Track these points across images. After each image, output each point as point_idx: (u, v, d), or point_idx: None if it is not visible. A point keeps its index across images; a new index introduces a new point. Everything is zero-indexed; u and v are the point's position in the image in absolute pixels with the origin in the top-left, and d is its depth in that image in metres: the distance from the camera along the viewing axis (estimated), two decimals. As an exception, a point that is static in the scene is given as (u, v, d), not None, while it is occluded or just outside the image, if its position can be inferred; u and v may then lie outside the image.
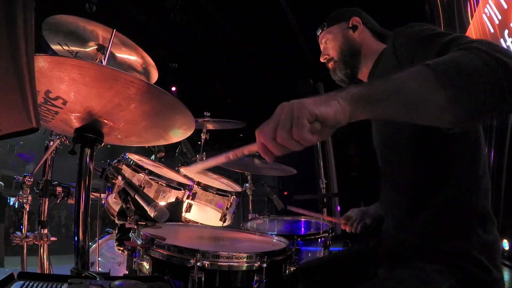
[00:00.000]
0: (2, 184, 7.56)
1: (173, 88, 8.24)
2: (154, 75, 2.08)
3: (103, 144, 1.18)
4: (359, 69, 1.33)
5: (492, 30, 2.61)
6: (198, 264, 0.91)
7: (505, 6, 2.37)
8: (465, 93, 0.69)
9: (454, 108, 0.69)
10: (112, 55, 1.93)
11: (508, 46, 2.30)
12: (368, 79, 1.32)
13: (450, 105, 0.69)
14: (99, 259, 1.80)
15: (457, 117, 0.71)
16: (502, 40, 2.40)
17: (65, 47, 1.90)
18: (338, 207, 3.24)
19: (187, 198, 1.77)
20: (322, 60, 1.42)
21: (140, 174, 1.62)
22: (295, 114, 0.66)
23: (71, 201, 1.75)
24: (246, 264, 0.97)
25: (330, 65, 1.39)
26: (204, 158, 2.58)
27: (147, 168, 1.63)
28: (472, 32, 3.04)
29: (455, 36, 0.87)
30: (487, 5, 2.68)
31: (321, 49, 1.44)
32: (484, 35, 2.77)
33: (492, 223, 1.00)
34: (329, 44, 1.38)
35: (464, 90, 0.69)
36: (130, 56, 1.99)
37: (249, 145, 0.79)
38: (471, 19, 3.11)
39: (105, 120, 1.12)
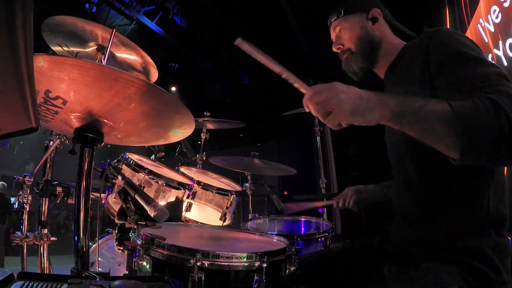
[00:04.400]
0: (5, 184, 7.54)
1: (173, 88, 8.24)
2: (154, 75, 2.08)
3: (103, 144, 1.18)
4: (378, 64, 1.26)
5: (492, 30, 2.60)
6: (198, 264, 0.91)
7: (505, 6, 2.36)
8: (475, 148, 0.79)
9: (461, 153, 0.80)
10: (112, 55, 1.93)
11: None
12: (386, 77, 1.28)
13: (459, 149, 0.80)
14: (99, 259, 1.80)
15: (461, 160, 0.81)
16: (500, 42, 2.40)
17: (65, 48, 1.90)
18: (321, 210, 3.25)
19: (187, 197, 1.77)
20: (334, 49, 1.32)
21: (140, 173, 1.62)
22: (332, 116, 0.85)
23: (71, 201, 1.75)
24: (246, 264, 0.97)
25: (344, 56, 1.29)
26: (204, 158, 2.58)
27: (147, 168, 1.63)
28: (473, 32, 3.04)
29: (489, 73, 0.88)
30: (487, 6, 2.68)
31: (333, 37, 1.33)
32: (484, 35, 2.77)
33: (505, 226, 1.00)
34: (344, 34, 1.28)
35: (475, 146, 0.79)
36: (130, 55, 1.99)
37: (302, 85, 0.94)
38: (471, 19, 3.11)
39: (105, 120, 1.12)
